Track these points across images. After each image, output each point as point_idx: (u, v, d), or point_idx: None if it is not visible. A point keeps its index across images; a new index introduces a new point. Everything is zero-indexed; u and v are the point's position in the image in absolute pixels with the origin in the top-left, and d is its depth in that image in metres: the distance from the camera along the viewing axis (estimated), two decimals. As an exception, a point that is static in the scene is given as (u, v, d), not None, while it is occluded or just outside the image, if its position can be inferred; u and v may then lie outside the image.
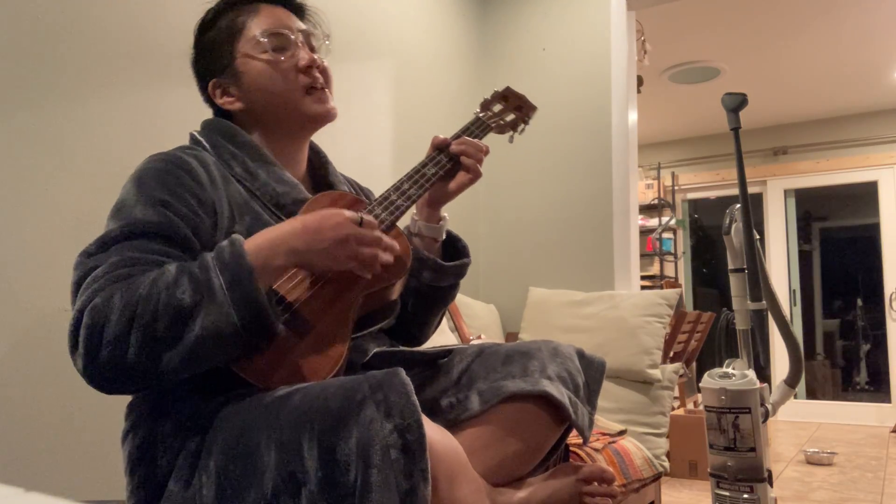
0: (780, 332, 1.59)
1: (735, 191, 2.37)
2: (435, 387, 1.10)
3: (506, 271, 2.92)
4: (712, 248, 6.00)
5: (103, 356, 0.81)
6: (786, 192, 5.50)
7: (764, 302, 1.53)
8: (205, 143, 1.08)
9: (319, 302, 0.97)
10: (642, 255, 5.00)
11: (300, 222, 0.92)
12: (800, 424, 5.00)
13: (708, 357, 5.32)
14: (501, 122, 1.28)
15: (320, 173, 1.22)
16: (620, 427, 2.07)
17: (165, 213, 0.93)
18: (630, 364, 2.25)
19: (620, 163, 2.76)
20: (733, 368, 1.45)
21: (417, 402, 0.77)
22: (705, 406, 1.43)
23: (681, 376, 2.76)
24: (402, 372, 0.80)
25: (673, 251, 5.56)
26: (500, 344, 1.14)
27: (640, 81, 3.59)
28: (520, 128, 1.30)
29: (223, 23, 1.11)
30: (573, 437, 1.18)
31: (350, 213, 0.94)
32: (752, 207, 1.56)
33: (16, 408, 1.33)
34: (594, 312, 2.41)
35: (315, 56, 1.11)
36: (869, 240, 5.21)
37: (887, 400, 5.02)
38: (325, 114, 1.12)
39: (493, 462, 1.01)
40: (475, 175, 1.17)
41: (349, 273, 0.98)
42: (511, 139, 1.30)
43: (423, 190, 1.11)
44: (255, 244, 0.89)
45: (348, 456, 0.74)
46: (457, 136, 1.19)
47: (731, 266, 1.58)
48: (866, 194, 5.23)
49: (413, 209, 1.17)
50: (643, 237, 5.13)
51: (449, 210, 1.22)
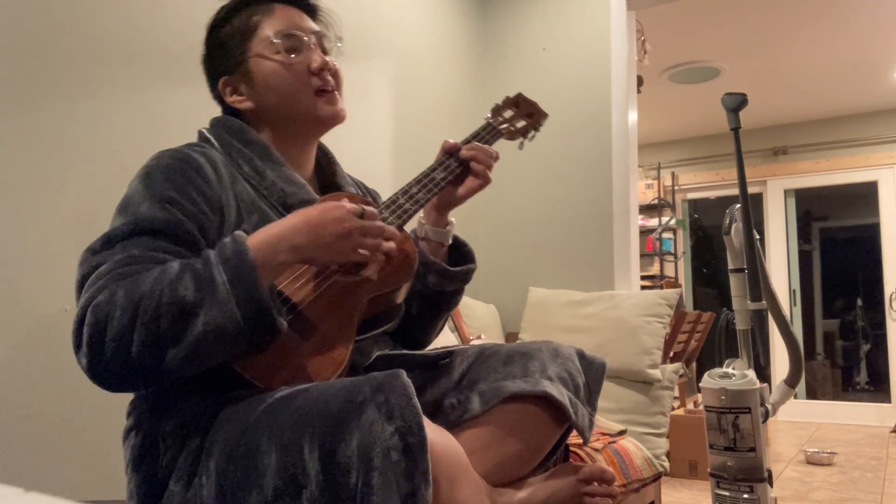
0: (780, 332, 1.59)
1: (735, 191, 2.37)
2: (436, 388, 1.10)
3: (506, 271, 2.92)
4: (712, 248, 6.00)
5: (107, 354, 0.81)
6: (786, 192, 5.50)
7: (764, 302, 1.53)
8: (213, 140, 1.08)
9: (324, 303, 0.97)
10: (642, 255, 5.00)
11: (302, 217, 0.92)
12: (800, 424, 5.00)
13: (708, 357, 5.32)
14: (512, 128, 1.28)
15: (328, 174, 1.21)
16: (620, 427, 2.07)
17: (172, 211, 0.92)
18: (630, 364, 2.25)
19: (620, 163, 2.76)
20: (733, 368, 1.45)
21: (419, 404, 0.77)
22: (705, 406, 1.43)
23: (681, 376, 2.76)
24: (404, 374, 0.80)
25: (673, 251, 5.56)
26: (500, 345, 1.14)
27: (640, 81, 3.59)
28: (530, 134, 1.29)
29: (237, 21, 1.10)
30: (573, 437, 1.18)
31: (351, 206, 0.94)
32: (752, 207, 1.56)
33: (16, 408, 1.33)
34: (594, 312, 2.41)
35: (327, 58, 1.11)
36: (869, 240, 5.21)
37: (887, 400, 5.02)
38: (334, 116, 1.12)
39: (494, 462, 1.01)
40: (484, 181, 1.16)
41: (355, 275, 0.98)
42: (521, 146, 1.30)
43: (431, 194, 1.11)
44: (257, 240, 0.89)
45: (349, 458, 0.73)
46: (467, 141, 1.19)
47: (731, 266, 1.58)
48: (866, 194, 5.23)
49: (420, 213, 1.17)
50: (643, 237, 5.13)
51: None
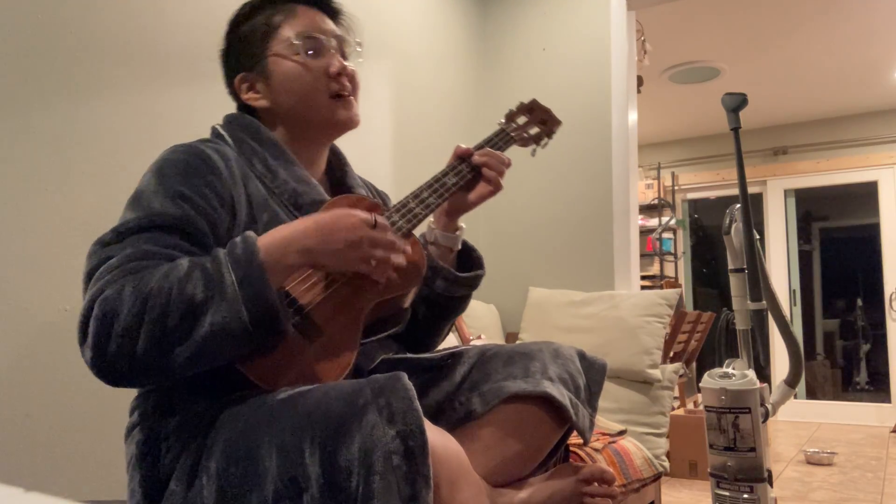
0: (780, 332, 1.59)
1: (735, 191, 2.37)
2: (437, 390, 1.10)
3: (506, 271, 2.91)
4: (712, 248, 6.00)
5: (112, 349, 0.81)
6: (786, 192, 5.50)
7: (764, 302, 1.53)
8: (227, 137, 1.08)
9: (331, 306, 0.97)
10: (642, 255, 5.00)
11: (313, 221, 0.92)
12: (800, 424, 5.00)
13: (708, 357, 5.32)
14: (525, 134, 1.27)
15: (339, 175, 1.22)
16: (620, 427, 2.07)
17: (183, 207, 0.92)
18: (630, 364, 2.25)
19: (620, 163, 2.76)
20: (733, 368, 1.45)
21: (420, 407, 0.77)
22: (705, 406, 1.43)
23: (681, 376, 2.76)
24: (405, 376, 0.80)
25: (673, 251, 5.56)
26: (501, 345, 1.14)
27: (640, 81, 3.59)
28: (543, 142, 1.28)
29: (259, 19, 1.10)
30: (573, 437, 1.18)
31: (364, 215, 0.93)
32: (752, 207, 1.56)
33: (16, 408, 1.33)
34: (594, 312, 2.41)
35: (346, 63, 1.12)
36: (869, 240, 5.21)
37: (887, 400, 5.02)
38: (347, 121, 1.12)
39: (494, 463, 1.01)
40: (496, 188, 1.16)
41: (363, 278, 0.97)
42: (533, 153, 1.29)
43: (442, 199, 1.11)
44: (267, 241, 0.89)
45: (350, 462, 0.73)
46: (479, 147, 1.19)
47: (731, 266, 1.58)
48: (866, 194, 5.23)
49: (430, 217, 1.17)
50: (643, 237, 5.13)
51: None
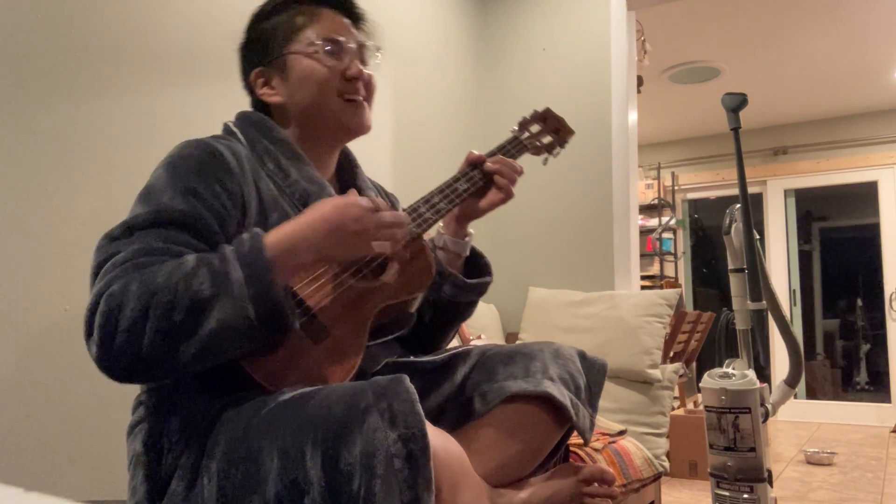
0: (780, 332, 1.59)
1: (735, 191, 2.37)
2: (439, 391, 1.10)
3: (506, 271, 2.91)
4: (712, 248, 6.00)
5: (117, 344, 0.80)
6: (786, 192, 5.50)
7: (764, 302, 1.53)
8: (239, 134, 1.08)
9: (338, 308, 0.96)
10: (642, 255, 5.00)
11: (319, 215, 0.91)
12: (800, 424, 5.00)
13: (708, 357, 5.31)
14: (538, 143, 1.27)
15: (349, 177, 1.21)
16: (620, 427, 2.07)
17: (194, 204, 0.92)
18: (630, 364, 2.25)
19: (620, 163, 2.76)
20: (733, 368, 1.45)
21: (422, 410, 0.77)
22: (705, 406, 1.43)
23: (681, 376, 2.76)
24: (407, 379, 0.80)
25: (673, 251, 5.56)
26: (501, 346, 1.14)
27: (640, 81, 3.59)
28: (555, 151, 1.28)
29: (282, 18, 1.11)
30: (573, 438, 1.18)
31: (365, 202, 0.93)
32: (752, 207, 1.56)
33: (16, 408, 1.33)
34: (594, 312, 2.41)
35: (364, 69, 1.12)
36: (869, 240, 5.21)
37: (887, 400, 5.02)
38: (358, 126, 1.12)
39: (495, 463, 1.01)
40: (507, 195, 1.16)
41: (370, 282, 0.98)
42: (545, 161, 1.28)
43: (452, 205, 1.11)
44: (274, 238, 0.88)
45: (352, 465, 0.73)
46: (492, 154, 1.19)
47: (731, 266, 1.58)
48: (866, 194, 5.23)
49: (440, 222, 1.17)
50: (643, 237, 5.13)
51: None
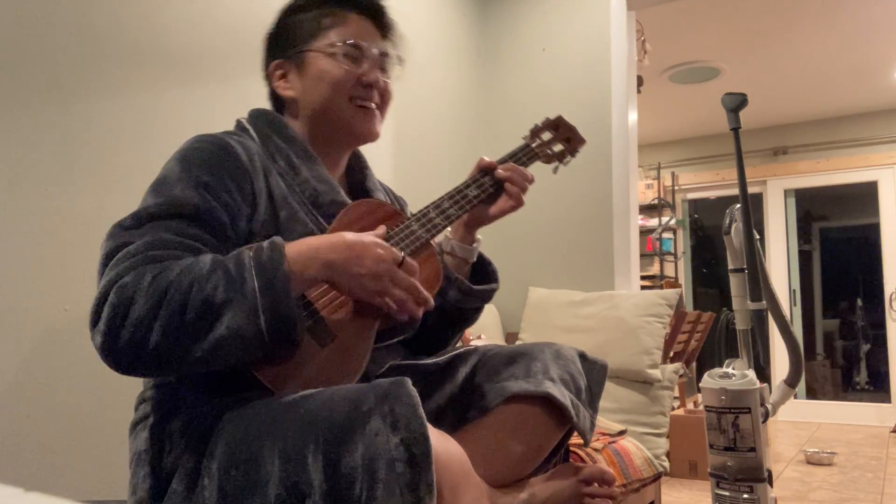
0: (780, 332, 1.59)
1: (735, 191, 2.37)
2: (440, 392, 1.10)
3: (506, 271, 2.89)
4: (712, 248, 6.00)
5: (124, 336, 0.80)
6: (786, 192, 5.50)
7: (764, 302, 1.53)
8: (252, 131, 1.08)
9: (345, 312, 0.96)
10: (642, 255, 5.00)
11: (344, 240, 0.91)
12: (800, 424, 5.00)
13: (708, 357, 5.31)
14: (549, 151, 1.26)
15: (358, 178, 1.21)
16: (620, 427, 2.07)
17: (206, 197, 0.92)
18: (630, 364, 2.25)
19: (620, 163, 2.76)
20: (733, 368, 1.45)
21: (423, 413, 0.77)
22: (705, 406, 1.43)
23: (681, 376, 2.76)
24: (409, 382, 0.80)
25: (673, 251, 5.56)
26: (502, 346, 1.14)
27: (640, 81, 3.59)
28: (566, 159, 1.27)
29: (311, 14, 1.11)
30: (574, 438, 1.18)
31: (395, 252, 0.93)
32: (752, 207, 1.56)
33: (16, 408, 1.33)
34: (594, 312, 2.41)
35: (381, 77, 1.12)
36: (869, 240, 5.21)
37: (887, 400, 5.02)
38: (366, 133, 1.12)
39: (495, 463, 1.01)
40: (517, 203, 1.16)
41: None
42: (556, 170, 1.27)
43: (462, 211, 1.11)
44: (293, 251, 0.88)
45: (353, 469, 0.73)
46: (503, 161, 1.19)
47: (731, 266, 1.58)
48: (866, 194, 5.23)
49: (448, 227, 1.17)
50: (643, 237, 5.13)
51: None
